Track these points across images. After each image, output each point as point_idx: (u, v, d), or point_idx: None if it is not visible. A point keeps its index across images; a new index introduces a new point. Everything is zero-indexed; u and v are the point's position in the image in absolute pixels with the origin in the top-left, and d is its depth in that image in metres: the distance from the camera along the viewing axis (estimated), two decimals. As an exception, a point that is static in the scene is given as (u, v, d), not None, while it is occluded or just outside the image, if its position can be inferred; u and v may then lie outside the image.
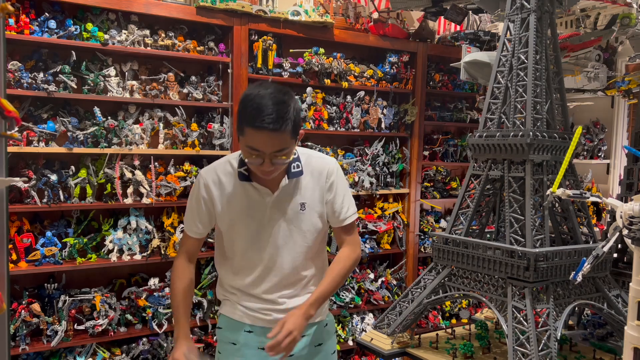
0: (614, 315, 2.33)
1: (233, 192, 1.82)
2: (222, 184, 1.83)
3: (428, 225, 4.10)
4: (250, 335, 1.93)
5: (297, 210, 1.86)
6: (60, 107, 2.88)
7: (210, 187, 1.82)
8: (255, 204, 1.82)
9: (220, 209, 1.83)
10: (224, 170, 1.84)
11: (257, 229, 1.84)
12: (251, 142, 1.64)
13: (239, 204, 1.82)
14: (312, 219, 1.89)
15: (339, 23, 3.59)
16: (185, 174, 3.13)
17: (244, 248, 1.87)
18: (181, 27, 3.15)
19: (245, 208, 1.82)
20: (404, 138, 3.94)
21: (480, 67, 2.93)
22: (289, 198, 1.84)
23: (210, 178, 1.83)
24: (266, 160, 1.67)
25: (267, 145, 1.64)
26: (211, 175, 1.84)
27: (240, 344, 1.93)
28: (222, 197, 1.83)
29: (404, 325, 2.55)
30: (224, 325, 1.99)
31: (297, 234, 1.88)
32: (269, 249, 1.86)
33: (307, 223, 1.88)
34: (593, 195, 1.80)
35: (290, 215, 1.85)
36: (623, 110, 4.29)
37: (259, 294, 1.90)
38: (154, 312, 3.01)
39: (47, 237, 2.78)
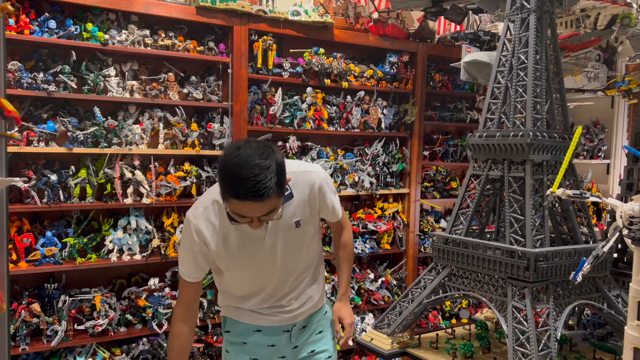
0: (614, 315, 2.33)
1: (226, 231, 1.77)
2: (213, 226, 1.76)
3: (428, 225, 4.10)
4: (259, 334, 1.97)
5: (293, 229, 1.85)
6: (60, 107, 2.88)
7: (202, 232, 1.76)
8: (251, 238, 1.79)
9: (217, 250, 1.78)
10: (213, 212, 1.77)
11: (258, 261, 1.83)
12: (237, 210, 1.60)
13: (235, 242, 1.78)
14: (307, 230, 1.90)
15: (339, 23, 3.59)
16: (185, 174, 3.13)
17: (249, 280, 1.88)
18: (181, 27, 3.15)
19: (242, 244, 1.79)
20: (404, 138, 3.94)
21: (480, 67, 2.93)
22: (283, 222, 1.81)
23: (201, 222, 1.77)
24: (255, 221, 1.63)
25: (254, 212, 1.59)
26: (201, 220, 1.77)
27: (250, 343, 1.97)
28: (216, 238, 1.77)
29: (404, 325, 2.54)
30: (232, 328, 2.00)
31: (297, 249, 1.90)
32: (274, 274, 1.88)
33: (305, 235, 1.90)
34: (593, 195, 1.81)
35: (287, 237, 1.85)
36: (623, 110, 4.29)
37: (267, 309, 1.96)
38: (154, 312, 3.01)
39: (47, 237, 2.78)
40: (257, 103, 3.34)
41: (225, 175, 1.55)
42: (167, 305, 3.06)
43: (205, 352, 3.22)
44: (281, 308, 1.96)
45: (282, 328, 2.00)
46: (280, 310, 1.96)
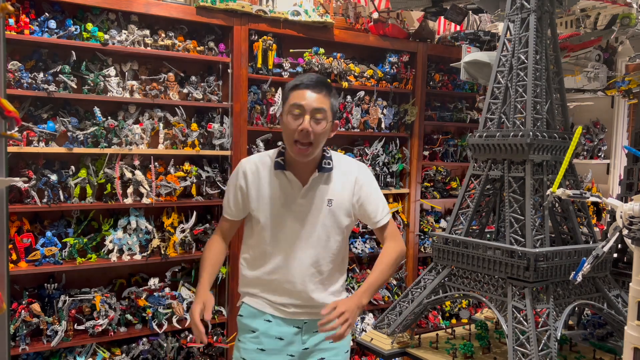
0: (614, 315, 2.33)
1: (268, 181, 1.99)
2: (258, 173, 1.99)
3: (428, 225, 4.10)
4: (270, 324, 2.03)
5: (324, 205, 1.98)
6: (60, 107, 2.88)
7: (247, 175, 1.99)
8: (286, 194, 1.98)
9: (254, 195, 1.99)
10: (261, 161, 2.02)
11: (284, 217, 1.98)
12: (294, 99, 1.88)
13: (272, 192, 1.98)
14: (337, 215, 2.00)
15: (339, 23, 3.58)
16: (185, 174, 3.13)
17: (271, 234, 1.99)
18: (181, 27, 3.15)
19: (276, 196, 1.98)
20: (404, 138, 3.94)
21: (480, 67, 2.93)
22: (318, 192, 1.98)
23: (249, 167, 2.01)
24: (306, 118, 1.85)
25: (308, 100, 1.86)
26: (249, 165, 2.02)
27: (260, 331, 2.03)
28: (257, 184, 1.99)
29: (404, 325, 2.54)
30: (245, 313, 2.08)
31: (321, 228, 1.98)
32: (293, 238, 1.98)
33: (332, 219, 1.99)
34: (593, 195, 1.80)
35: (317, 209, 1.98)
36: (623, 110, 4.29)
37: (280, 285, 2.00)
38: (154, 312, 3.01)
39: (47, 237, 2.78)
40: (257, 103, 3.34)
41: (293, 80, 1.95)
42: (167, 305, 3.06)
43: (205, 352, 3.22)
44: (294, 298, 2.00)
45: (292, 322, 2.03)
46: (292, 303, 2.01)
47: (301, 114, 1.87)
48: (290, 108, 1.89)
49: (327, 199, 1.99)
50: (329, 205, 1.99)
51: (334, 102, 1.95)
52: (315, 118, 1.87)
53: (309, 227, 1.98)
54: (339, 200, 2.00)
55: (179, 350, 3.13)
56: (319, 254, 2.00)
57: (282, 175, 1.98)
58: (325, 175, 1.99)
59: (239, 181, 2.01)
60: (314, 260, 2.00)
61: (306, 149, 1.88)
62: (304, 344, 2.06)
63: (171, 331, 3.11)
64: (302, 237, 1.98)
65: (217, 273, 2.07)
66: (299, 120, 1.86)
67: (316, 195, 1.98)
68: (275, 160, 1.98)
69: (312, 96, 1.87)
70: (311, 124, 1.86)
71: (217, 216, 3.34)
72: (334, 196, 2.00)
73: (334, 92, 1.95)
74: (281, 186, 1.98)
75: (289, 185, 1.98)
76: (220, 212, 3.30)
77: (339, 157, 2.08)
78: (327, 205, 1.99)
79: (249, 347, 2.04)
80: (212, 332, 3.21)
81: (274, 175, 1.98)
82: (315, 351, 2.07)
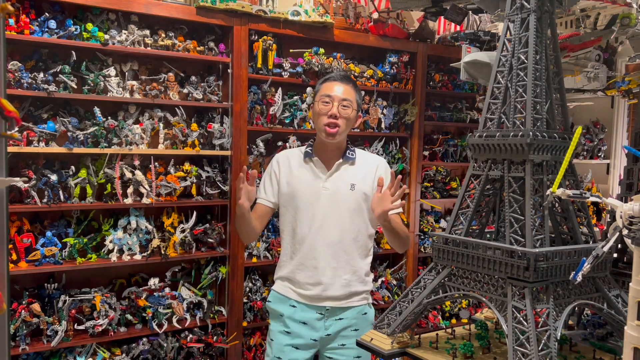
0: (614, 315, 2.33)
1: (297, 168, 2.32)
2: (290, 163, 2.34)
3: (428, 225, 4.09)
4: (294, 309, 2.29)
5: (347, 189, 2.27)
6: (60, 107, 2.88)
7: (280, 163, 2.36)
8: (313, 178, 2.29)
9: (285, 180, 2.32)
10: (293, 154, 2.39)
11: (312, 198, 2.26)
12: (324, 91, 2.24)
13: (300, 177, 2.30)
14: (359, 199, 2.28)
15: (339, 23, 3.58)
16: (185, 174, 3.13)
17: (300, 213, 2.26)
18: (181, 27, 3.15)
19: (304, 180, 2.29)
20: (404, 138, 3.94)
21: (480, 67, 2.93)
22: (342, 177, 2.29)
23: (282, 157, 2.38)
24: (334, 105, 2.20)
25: (336, 90, 2.22)
26: (282, 156, 2.39)
27: (286, 315, 2.30)
28: (287, 171, 2.33)
29: (404, 325, 2.54)
30: (273, 299, 2.38)
31: (345, 210, 2.25)
32: (320, 217, 2.24)
33: (355, 202, 2.26)
34: (593, 195, 1.80)
35: (341, 192, 2.26)
36: (623, 110, 4.29)
37: (306, 261, 2.25)
38: (154, 312, 3.01)
39: (47, 237, 2.78)
40: (257, 103, 3.34)
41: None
42: (167, 305, 3.06)
43: (205, 352, 3.22)
44: (316, 277, 2.23)
45: (315, 308, 2.26)
46: (314, 282, 2.24)
47: (330, 102, 2.22)
48: (321, 97, 2.24)
49: (351, 184, 2.27)
50: (352, 189, 2.26)
51: (358, 96, 2.30)
52: (343, 105, 2.22)
53: (334, 208, 2.24)
54: (362, 185, 2.28)
55: (179, 350, 3.14)
56: (343, 233, 2.23)
57: (310, 161, 2.32)
58: (348, 162, 2.31)
59: (272, 168, 2.37)
60: (338, 239, 2.24)
61: (335, 129, 2.21)
62: (326, 330, 2.27)
63: (171, 331, 3.11)
64: (327, 217, 2.23)
65: (252, 224, 2.28)
66: (328, 107, 2.21)
67: (340, 180, 2.28)
68: (305, 150, 2.33)
69: (340, 88, 2.23)
70: (339, 109, 2.21)
71: (217, 216, 3.34)
72: (357, 181, 2.28)
73: (358, 88, 2.31)
74: (309, 171, 2.31)
75: (316, 170, 2.30)
76: (221, 212, 3.32)
77: (363, 151, 2.44)
78: (350, 189, 2.26)
79: (275, 328, 2.32)
80: (212, 332, 3.21)
81: (303, 162, 2.32)
82: (337, 337, 2.28)
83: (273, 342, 2.33)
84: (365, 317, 2.32)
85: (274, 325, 2.34)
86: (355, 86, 2.29)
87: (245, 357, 3.38)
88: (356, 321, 2.29)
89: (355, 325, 2.28)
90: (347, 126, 2.27)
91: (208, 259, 3.28)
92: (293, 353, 2.26)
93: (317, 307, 2.25)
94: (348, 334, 2.26)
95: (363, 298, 2.32)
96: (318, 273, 2.23)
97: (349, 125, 2.27)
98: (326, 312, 2.25)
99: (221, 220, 3.31)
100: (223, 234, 3.26)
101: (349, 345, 2.25)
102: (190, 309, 3.19)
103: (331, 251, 2.24)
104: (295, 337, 2.26)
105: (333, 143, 2.30)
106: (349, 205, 2.25)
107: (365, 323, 2.31)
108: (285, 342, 2.27)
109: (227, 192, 3.23)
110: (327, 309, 2.24)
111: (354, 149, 2.37)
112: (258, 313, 3.35)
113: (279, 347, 2.28)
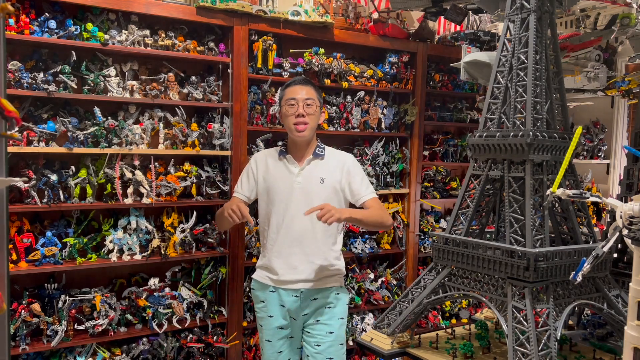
0: (614, 315, 2.33)
1: (273, 166, 2.58)
2: (267, 161, 2.60)
3: (428, 225, 4.09)
4: (273, 294, 2.55)
5: (318, 183, 2.51)
6: (60, 107, 2.88)
7: (258, 162, 2.62)
8: (286, 173, 2.54)
9: (261, 177, 2.58)
10: (270, 153, 2.63)
11: (286, 191, 2.51)
12: (289, 95, 2.51)
13: (275, 173, 2.56)
14: (328, 192, 2.52)
15: (339, 23, 3.58)
16: (185, 174, 3.13)
17: (276, 204, 2.52)
18: (181, 27, 3.15)
19: (279, 175, 2.55)
20: (404, 138, 3.94)
21: (480, 67, 2.93)
22: (312, 172, 2.53)
23: (260, 156, 2.65)
24: (299, 105, 2.46)
25: (299, 92, 2.49)
26: (260, 155, 2.66)
27: (267, 300, 2.57)
28: (264, 168, 2.59)
29: (404, 325, 2.54)
30: (255, 287, 2.65)
31: (316, 200, 2.43)
32: (293, 208, 2.48)
33: (324, 195, 2.49)
34: (593, 195, 1.80)
35: (311, 185, 2.51)
36: (623, 110, 4.29)
37: (283, 247, 2.51)
38: (154, 312, 3.01)
39: (47, 237, 2.78)
40: (257, 103, 3.34)
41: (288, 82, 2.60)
42: (167, 305, 3.06)
43: (205, 352, 3.22)
44: (287, 264, 2.50)
45: (291, 292, 2.51)
46: (285, 268, 2.50)
47: (295, 103, 2.48)
48: (287, 101, 2.51)
49: (321, 178, 2.52)
50: (321, 182, 2.51)
51: (318, 95, 2.56)
52: (307, 104, 2.48)
53: (306, 200, 2.46)
54: (331, 180, 2.53)
55: (179, 350, 3.13)
56: (314, 223, 2.40)
57: (284, 159, 2.56)
58: (318, 158, 2.56)
59: (250, 166, 2.62)
60: (311, 227, 2.46)
61: (303, 127, 2.47)
62: (302, 310, 2.53)
63: (171, 331, 3.11)
64: (301, 207, 2.42)
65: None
66: (294, 108, 2.47)
67: (311, 174, 2.52)
68: (279, 149, 2.60)
69: (302, 90, 2.50)
70: (304, 108, 2.47)
71: (217, 216, 3.34)
72: (326, 176, 2.53)
73: (317, 87, 2.59)
74: (283, 167, 2.55)
75: (289, 166, 2.55)
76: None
77: (332, 149, 2.66)
78: (320, 183, 2.51)
79: (260, 314, 2.60)
80: (212, 332, 3.21)
81: (278, 160, 2.58)
82: (313, 315, 2.55)
83: (262, 328, 2.61)
84: (337, 296, 2.58)
85: (259, 310, 2.62)
86: (314, 86, 2.56)
87: (245, 357, 3.38)
88: (329, 300, 2.55)
89: (328, 304, 2.55)
90: (314, 121, 2.51)
91: (208, 259, 3.28)
92: (280, 333, 2.57)
93: (293, 290, 2.51)
94: (323, 311, 2.54)
95: (335, 280, 2.58)
96: (291, 259, 2.49)
97: (315, 120, 2.52)
98: (301, 294, 2.51)
99: (221, 220, 3.30)
100: (223, 234, 3.26)
101: (323, 321, 2.53)
102: (190, 309, 3.19)
103: (303, 239, 2.49)
104: (278, 319, 2.55)
105: (303, 140, 2.53)
106: (320, 197, 2.46)
107: (337, 300, 2.57)
108: (271, 325, 2.56)
109: (227, 192, 3.23)
110: (302, 292, 2.51)
111: (324, 147, 2.62)
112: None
113: (267, 331, 2.58)
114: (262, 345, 2.66)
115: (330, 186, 2.53)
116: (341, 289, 2.62)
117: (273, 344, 2.59)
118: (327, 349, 2.54)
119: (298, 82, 2.54)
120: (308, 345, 2.57)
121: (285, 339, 2.59)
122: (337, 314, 2.57)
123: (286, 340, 2.60)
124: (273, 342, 2.59)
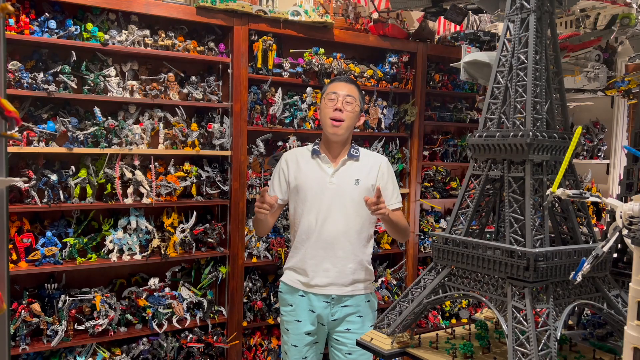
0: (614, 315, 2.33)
1: (305, 166, 2.50)
2: (298, 161, 2.52)
3: (428, 225, 4.09)
4: (303, 299, 2.48)
5: (352, 183, 2.45)
6: (60, 107, 2.88)
7: (288, 162, 2.53)
8: (320, 173, 2.47)
9: (293, 177, 2.49)
10: (301, 153, 2.56)
11: (320, 192, 2.43)
12: (331, 89, 2.45)
13: (307, 173, 2.48)
14: (364, 193, 2.41)
15: (339, 23, 3.58)
16: (185, 174, 3.13)
17: (309, 205, 2.44)
18: (181, 27, 3.15)
19: (311, 175, 2.47)
20: (404, 138, 3.94)
21: (480, 67, 2.93)
22: (347, 172, 2.47)
23: (290, 156, 2.56)
24: (339, 100, 2.40)
25: (341, 88, 2.43)
26: (291, 155, 2.56)
27: (295, 304, 2.50)
28: (295, 167, 2.51)
29: (404, 325, 2.54)
30: (284, 289, 2.57)
31: (350, 203, 2.41)
32: (327, 209, 2.42)
33: (359, 196, 2.39)
34: (593, 195, 1.80)
35: (345, 186, 2.44)
36: (623, 110, 4.29)
37: (314, 250, 2.43)
38: (154, 312, 3.01)
39: (47, 237, 2.78)
40: (257, 103, 3.34)
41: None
42: (167, 305, 3.06)
43: (205, 352, 3.22)
44: (321, 264, 2.41)
45: (322, 297, 2.44)
46: (315, 272, 2.42)
47: (336, 97, 2.41)
48: (328, 95, 2.45)
49: (356, 179, 2.45)
50: (356, 184, 2.45)
51: (361, 97, 2.50)
52: (347, 101, 2.41)
53: (341, 200, 2.41)
54: (365, 181, 2.46)
55: (179, 350, 3.14)
56: (348, 225, 2.41)
57: (317, 158, 2.50)
58: (353, 159, 2.49)
59: (281, 166, 2.55)
60: (344, 231, 2.41)
61: (339, 123, 2.39)
62: (332, 316, 2.47)
63: (171, 331, 3.11)
64: (334, 209, 2.40)
65: (269, 221, 2.51)
66: (334, 102, 2.40)
67: (346, 175, 2.46)
68: (312, 148, 2.52)
69: (345, 87, 2.44)
70: (343, 104, 2.40)
71: (217, 216, 3.34)
72: (361, 177, 2.46)
73: (361, 91, 2.52)
74: (316, 167, 2.48)
75: (323, 166, 2.48)
76: (221, 212, 3.32)
77: (366, 150, 2.60)
78: (355, 184, 2.45)
79: (288, 318, 2.52)
80: (212, 332, 3.21)
81: (310, 159, 2.50)
82: (343, 322, 2.48)
83: (289, 332, 2.54)
84: (369, 305, 2.52)
85: (285, 314, 2.54)
86: (358, 88, 2.49)
87: (245, 357, 3.38)
88: (360, 308, 2.48)
89: (359, 312, 2.48)
90: (351, 121, 2.43)
91: (208, 259, 3.28)
92: (307, 338, 2.50)
93: (323, 296, 2.44)
94: (353, 319, 2.47)
95: (366, 287, 2.51)
96: (324, 262, 2.41)
97: (352, 120, 2.44)
98: (332, 300, 2.44)
99: (221, 220, 3.31)
100: (223, 234, 3.26)
101: (354, 330, 2.45)
102: (190, 309, 3.19)
103: (336, 242, 2.41)
104: (306, 324, 2.48)
105: (338, 140, 2.46)
106: (354, 199, 2.40)
107: (367, 311, 2.51)
108: (299, 331, 2.49)
109: (227, 192, 3.23)
110: (333, 297, 2.44)
111: (358, 148, 2.55)
112: (258, 313, 3.35)
113: (294, 335, 2.51)
114: (287, 349, 2.59)
115: (365, 187, 2.46)
116: (372, 296, 2.58)
117: (299, 350, 2.53)
118: (359, 358, 2.52)
119: (343, 80, 2.50)
120: (339, 352, 2.53)
121: (311, 345, 2.55)
122: (368, 323, 2.52)
123: (312, 345, 2.56)
124: (300, 348, 2.53)
